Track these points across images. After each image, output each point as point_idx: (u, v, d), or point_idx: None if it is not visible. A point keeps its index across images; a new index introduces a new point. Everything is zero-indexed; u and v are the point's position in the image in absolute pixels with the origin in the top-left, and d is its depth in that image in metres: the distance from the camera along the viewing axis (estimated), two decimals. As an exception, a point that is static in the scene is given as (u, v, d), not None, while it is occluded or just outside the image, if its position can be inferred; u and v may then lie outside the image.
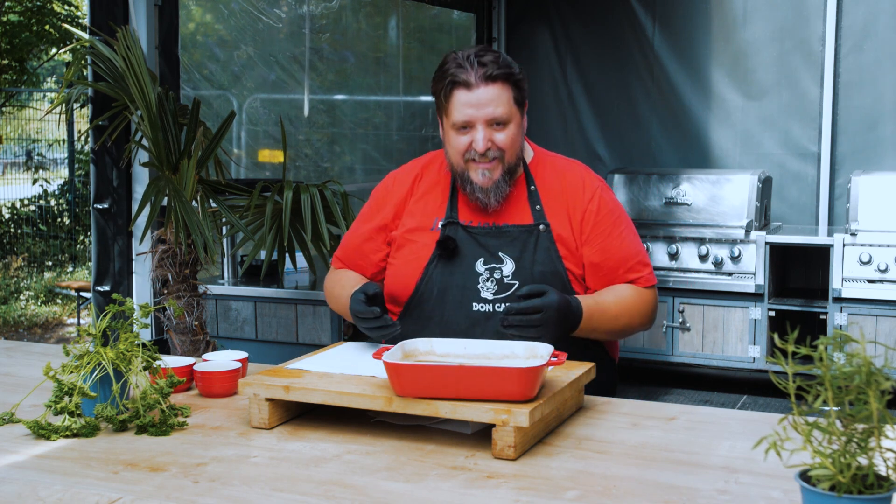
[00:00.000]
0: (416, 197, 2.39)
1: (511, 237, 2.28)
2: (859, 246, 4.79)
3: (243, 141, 4.96)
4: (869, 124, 5.53)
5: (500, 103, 2.21)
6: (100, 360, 1.86)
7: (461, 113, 2.21)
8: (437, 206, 2.35)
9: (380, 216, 2.41)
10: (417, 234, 2.34)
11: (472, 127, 2.22)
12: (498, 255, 2.26)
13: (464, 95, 2.21)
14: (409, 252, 2.34)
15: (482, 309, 2.25)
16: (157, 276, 3.52)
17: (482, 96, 2.20)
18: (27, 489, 1.56)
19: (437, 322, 2.28)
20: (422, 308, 2.30)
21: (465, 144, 2.23)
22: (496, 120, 2.22)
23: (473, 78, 2.20)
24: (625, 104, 6.17)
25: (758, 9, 5.75)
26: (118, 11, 3.71)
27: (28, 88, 12.88)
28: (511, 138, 2.24)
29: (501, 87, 2.21)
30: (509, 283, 2.25)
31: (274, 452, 1.73)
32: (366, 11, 5.73)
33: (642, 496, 1.51)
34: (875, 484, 1.21)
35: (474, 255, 2.27)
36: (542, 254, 2.26)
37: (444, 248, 2.27)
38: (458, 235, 2.29)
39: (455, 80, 2.21)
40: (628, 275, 2.31)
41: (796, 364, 1.26)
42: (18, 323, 8.35)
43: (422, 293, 2.30)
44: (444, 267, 2.28)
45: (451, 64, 2.23)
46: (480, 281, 2.26)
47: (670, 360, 5.21)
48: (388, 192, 2.44)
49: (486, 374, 1.71)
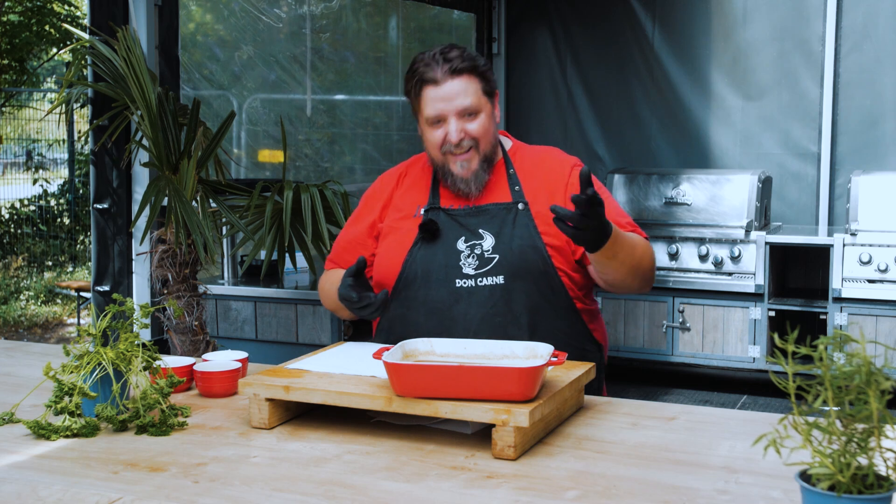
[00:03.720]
0: (401, 191, 2.49)
1: (490, 214, 2.35)
2: (859, 246, 4.79)
3: (243, 141, 4.96)
4: (869, 124, 5.53)
5: (467, 94, 2.30)
6: (100, 360, 1.86)
7: (432, 108, 2.31)
8: (420, 196, 2.45)
9: (368, 216, 2.51)
10: (401, 222, 2.43)
11: (444, 120, 2.32)
12: (478, 232, 2.33)
13: (432, 91, 2.31)
14: (394, 240, 2.42)
15: (465, 284, 2.31)
16: (157, 276, 3.52)
17: (450, 90, 2.30)
18: (27, 489, 1.56)
19: (423, 301, 2.33)
20: (408, 290, 2.36)
21: (440, 138, 2.33)
22: (466, 111, 2.31)
23: (440, 74, 2.30)
24: (625, 104, 6.16)
25: (758, 9, 5.75)
26: (118, 11, 3.71)
27: (28, 88, 12.88)
28: (483, 127, 2.33)
29: (468, 79, 2.31)
30: (490, 256, 2.31)
31: (274, 452, 1.73)
32: (366, 11, 5.73)
33: (642, 496, 1.52)
34: (875, 484, 1.21)
35: (455, 235, 2.35)
36: (520, 229, 2.32)
37: (426, 231, 2.35)
38: (440, 218, 2.37)
39: (423, 78, 2.32)
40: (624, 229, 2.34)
41: (796, 364, 1.26)
42: (18, 323, 8.34)
43: (406, 275, 2.36)
44: (427, 249, 2.35)
45: (419, 64, 2.34)
46: (462, 258, 2.33)
47: (670, 360, 5.21)
48: (374, 192, 2.55)
49: (486, 374, 1.71)
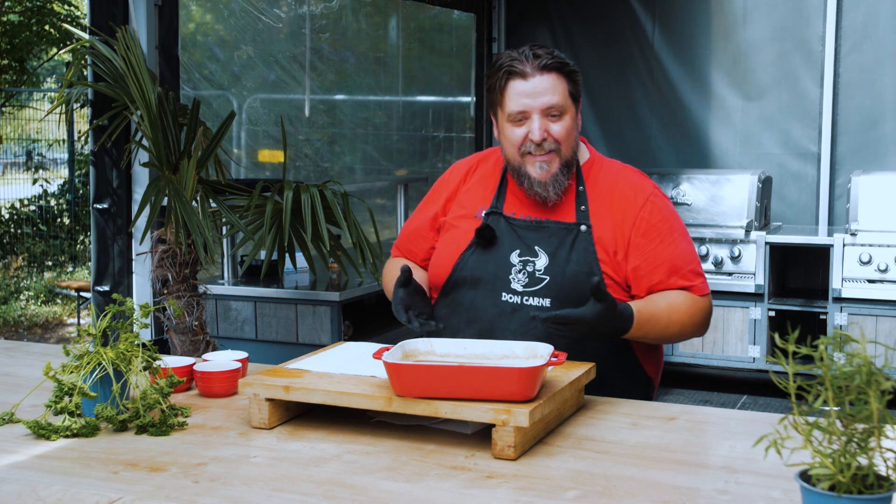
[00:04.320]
0: (468, 186, 2.42)
1: (550, 233, 2.27)
2: (859, 246, 4.79)
3: (243, 141, 4.96)
4: (869, 124, 5.53)
5: (555, 92, 2.21)
6: (100, 360, 1.86)
7: (517, 103, 2.22)
8: (485, 196, 2.37)
9: (434, 205, 2.45)
10: (461, 220, 2.37)
11: (527, 118, 2.22)
12: (534, 249, 2.26)
13: (519, 85, 2.22)
14: (450, 237, 2.36)
15: (511, 300, 2.25)
16: (157, 276, 3.51)
17: (538, 85, 2.21)
18: (27, 489, 1.56)
19: (467, 308, 2.29)
20: (455, 292, 2.32)
21: (522, 136, 2.23)
22: (552, 109, 2.21)
23: (529, 68, 2.21)
24: (625, 104, 6.16)
25: (758, 9, 5.74)
26: (118, 11, 3.71)
27: (28, 88, 12.88)
28: (567, 130, 2.24)
29: (556, 77, 2.22)
30: (540, 276, 2.24)
31: (274, 452, 1.73)
32: (366, 11, 5.73)
33: (642, 496, 1.51)
34: (875, 484, 1.21)
35: (511, 246, 2.28)
36: (578, 254, 2.24)
37: (480, 237, 2.28)
38: (499, 225, 2.30)
39: (511, 70, 2.22)
40: (679, 282, 2.25)
41: (796, 364, 1.26)
42: (18, 323, 8.34)
43: (456, 278, 2.31)
44: (480, 255, 2.29)
45: (506, 58, 2.25)
46: (513, 272, 2.26)
47: (670, 360, 5.21)
48: (443, 182, 2.49)
49: (486, 374, 1.71)
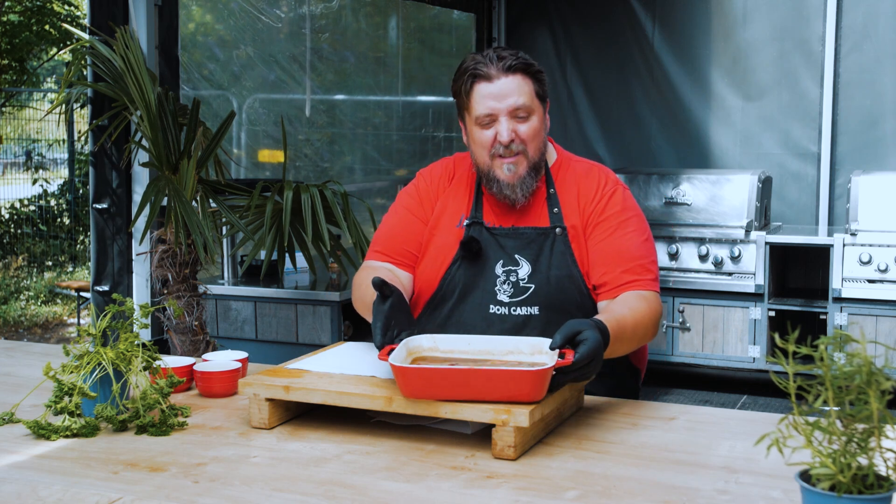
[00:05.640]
0: (451, 190, 2.39)
1: (528, 239, 2.26)
2: (859, 246, 4.79)
3: (243, 141, 4.96)
4: (869, 124, 5.53)
5: (521, 93, 2.21)
6: (100, 360, 1.86)
7: (483, 105, 2.21)
8: (465, 202, 2.35)
9: (420, 211, 2.38)
10: (446, 230, 2.33)
11: (495, 120, 2.21)
12: (514, 258, 2.26)
13: (485, 87, 2.21)
14: (436, 249, 2.33)
15: (498, 311, 2.25)
16: (157, 276, 3.51)
17: (503, 87, 2.20)
18: (27, 489, 1.56)
19: (455, 322, 2.28)
20: (443, 307, 2.30)
21: (490, 139, 2.22)
22: (519, 111, 2.21)
23: (494, 70, 2.20)
24: (625, 104, 6.16)
25: (758, 9, 5.74)
26: (118, 11, 3.71)
27: (28, 88, 12.88)
28: (534, 130, 2.23)
29: (522, 78, 2.22)
30: (525, 286, 2.24)
31: (274, 452, 1.73)
32: (366, 11, 5.73)
33: (642, 496, 1.51)
34: (875, 484, 1.21)
35: (495, 257, 2.27)
36: (557, 258, 2.24)
37: (467, 250, 2.27)
38: (482, 236, 2.29)
39: (476, 73, 2.22)
40: (626, 275, 2.21)
41: (797, 364, 1.26)
42: (18, 323, 8.34)
43: (444, 293, 2.30)
44: (467, 268, 2.28)
45: (470, 61, 2.24)
46: (498, 283, 2.26)
47: (670, 360, 5.21)
48: (424, 189, 2.40)
49: (497, 378, 1.70)
